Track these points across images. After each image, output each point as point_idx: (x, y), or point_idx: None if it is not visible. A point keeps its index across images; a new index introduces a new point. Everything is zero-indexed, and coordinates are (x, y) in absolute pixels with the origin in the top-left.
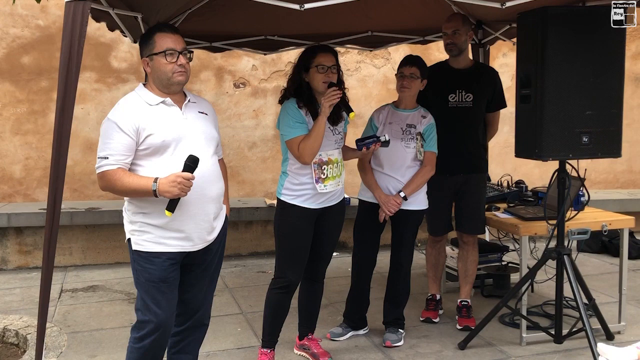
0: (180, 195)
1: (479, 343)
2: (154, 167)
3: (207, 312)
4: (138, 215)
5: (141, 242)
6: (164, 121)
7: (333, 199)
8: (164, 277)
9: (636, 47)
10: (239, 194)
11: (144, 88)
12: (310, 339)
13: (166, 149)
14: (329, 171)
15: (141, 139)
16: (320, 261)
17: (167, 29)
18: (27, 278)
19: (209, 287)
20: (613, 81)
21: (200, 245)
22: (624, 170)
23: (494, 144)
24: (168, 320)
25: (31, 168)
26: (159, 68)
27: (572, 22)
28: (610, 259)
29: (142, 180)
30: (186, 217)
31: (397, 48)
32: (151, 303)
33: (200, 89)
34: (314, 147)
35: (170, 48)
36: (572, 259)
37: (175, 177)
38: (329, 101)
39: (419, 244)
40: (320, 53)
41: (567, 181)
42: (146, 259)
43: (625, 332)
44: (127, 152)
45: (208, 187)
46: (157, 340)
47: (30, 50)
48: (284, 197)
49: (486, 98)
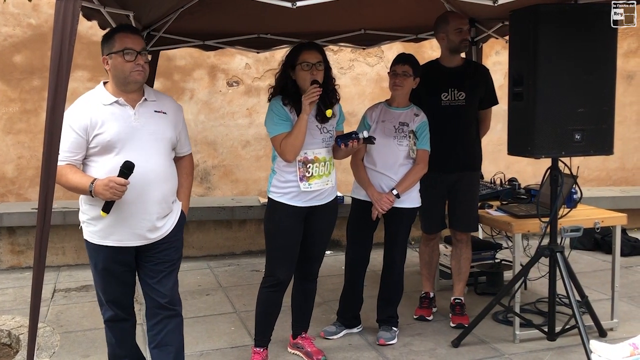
0: (113, 199)
1: (473, 341)
2: (102, 166)
3: (173, 301)
4: (87, 206)
5: (88, 234)
6: (114, 121)
7: (322, 198)
8: (107, 267)
9: (628, 44)
10: (233, 193)
11: (103, 87)
12: (303, 337)
13: (112, 148)
14: (314, 170)
15: (90, 137)
16: (313, 261)
17: (127, 30)
18: (20, 278)
19: (169, 278)
20: (605, 79)
21: (139, 242)
22: (616, 167)
23: (487, 142)
24: (117, 302)
25: (23, 167)
26: (116, 67)
27: (564, 19)
28: (603, 256)
29: (83, 179)
30: (124, 216)
31: (390, 46)
32: (99, 288)
33: (194, 88)
34: (295, 144)
35: (129, 47)
36: (564, 257)
37: (108, 181)
38: (309, 99)
39: (413, 242)
40: (305, 50)
41: (560, 179)
42: (92, 249)
43: (617, 329)
44: (75, 150)
45: (150, 189)
46: (112, 318)
47: (22, 49)
48: (272, 194)
49: (479, 96)
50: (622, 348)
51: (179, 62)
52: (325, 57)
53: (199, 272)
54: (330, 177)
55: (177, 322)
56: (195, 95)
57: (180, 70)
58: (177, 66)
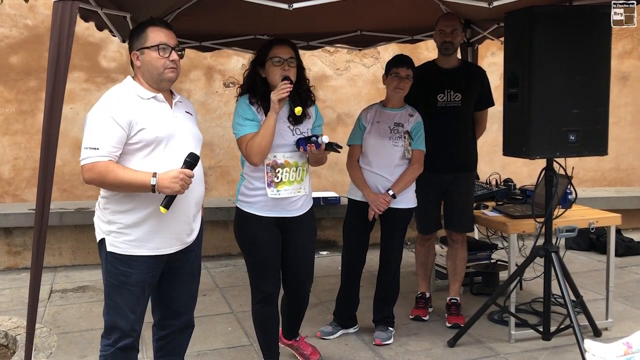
0: (180, 192)
1: (468, 340)
2: (141, 163)
3: (192, 314)
4: (118, 214)
5: (118, 244)
6: (157, 117)
7: (295, 210)
8: (139, 282)
9: (623, 46)
10: (229, 194)
11: (134, 81)
12: (297, 341)
13: (157, 145)
14: (284, 175)
15: (133, 132)
16: (302, 279)
17: (160, 24)
18: (17, 279)
19: (192, 289)
20: (600, 80)
21: (177, 247)
22: (611, 168)
23: (483, 143)
24: (138, 325)
25: (20, 168)
26: (150, 62)
27: (559, 21)
28: (598, 256)
29: (139, 174)
30: (171, 218)
31: (386, 47)
32: (123, 308)
33: (190, 89)
34: (262, 145)
35: (164, 42)
36: (559, 257)
37: (178, 173)
38: (278, 95)
39: (409, 243)
40: (276, 45)
41: (555, 179)
42: (123, 262)
43: (612, 329)
44: (118, 145)
45: (194, 189)
46: (128, 346)
47: (18, 50)
48: (239, 203)
49: (475, 97)
50: (616, 347)
51: None
52: (299, 55)
53: None
54: (303, 184)
55: (189, 334)
56: (192, 96)
57: None
58: None
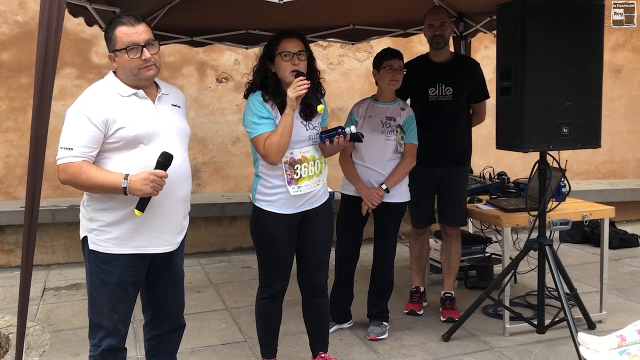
0: (152, 194)
1: (463, 334)
2: (122, 162)
3: (182, 315)
4: (99, 212)
5: (100, 242)
6: (137, 114)
7: (314, 201)
8: (121, 281)
9: (615, 38)
10: (223, 189)
11: (115, 77)
12: (323, 357)
13: (137, 144)
14: (303, 170)
15: (111, 131)
16: (317, 271)
17: (127, 21)
18: (9, 277)
19: (181, 290)
20: (592, 72)
21: (165, 248)
22: (605, 160)
23: (477, 136)
24: (122, 325)
25: (12, 166)
26: (123, 65)
27: (551, 13)
28: (592, 249)
29: (110, 176)
30: (153, 217)
31: (379, 41)
32: (105, 307)
33: (183, 84)
34: (280, 144)
35: (132, 43)
36: (553, 250)
37: (148, 174)
38: (295, 92)
39: (403, 237)
40: (284, 39)
41: (548, 172)
42: (105, 260)
43: (606, 321)
44: (93, 145)
45: (178, 186)
46: (114, 346)
47: (9, 47)
48: (258, 202)
49: (467, 91)
50: (609, 340)
51: (168, 58)
52: (308, 45)
53: (190, 269)
54: (322, 177)
55: (181, 333)
56: (185, 91)
57: (169, 67)
58: (166, 62)
